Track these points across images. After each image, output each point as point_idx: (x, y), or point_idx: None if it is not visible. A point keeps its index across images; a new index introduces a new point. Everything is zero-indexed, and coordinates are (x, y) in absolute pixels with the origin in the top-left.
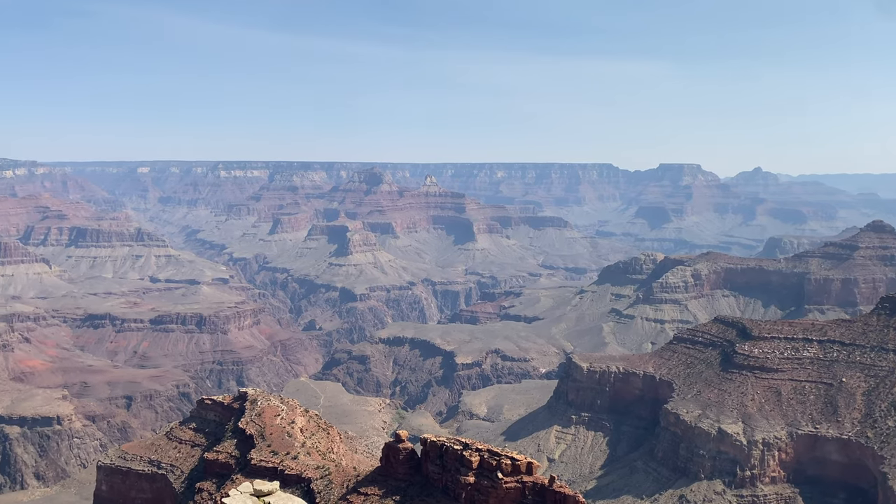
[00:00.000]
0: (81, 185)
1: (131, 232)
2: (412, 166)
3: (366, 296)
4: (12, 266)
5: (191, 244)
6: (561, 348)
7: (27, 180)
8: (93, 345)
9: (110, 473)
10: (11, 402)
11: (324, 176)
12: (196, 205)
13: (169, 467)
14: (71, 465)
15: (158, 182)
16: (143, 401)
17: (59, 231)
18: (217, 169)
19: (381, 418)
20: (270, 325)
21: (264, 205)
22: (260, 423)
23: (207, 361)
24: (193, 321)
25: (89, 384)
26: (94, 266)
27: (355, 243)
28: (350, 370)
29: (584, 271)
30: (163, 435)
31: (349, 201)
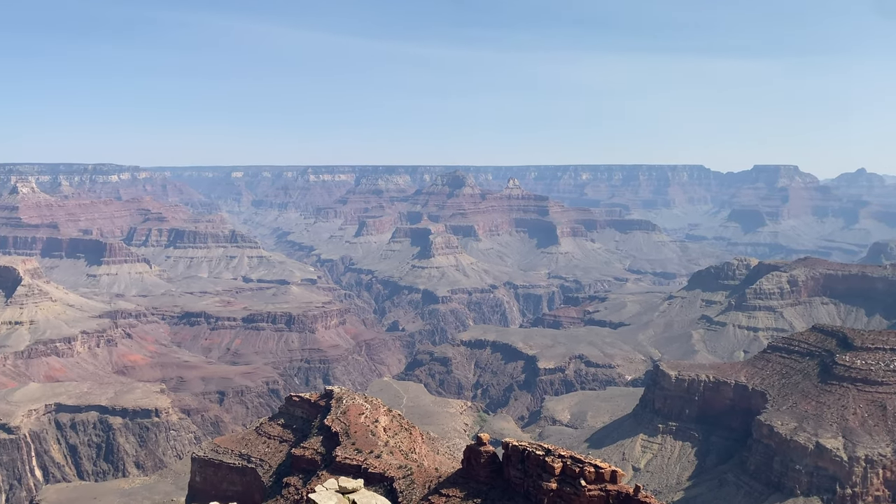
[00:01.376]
0: (180, 189)
1: (226, 234)
2: (495, 169)
3: (448, 298)
4: (116, 265)
5: (281, 246)
6: (648, 355)
7: (130, 184)
8: (189, 341)
9: (204, 465)
10: (115, 394)
11: (407, 179)
12: (286, 208)
13: (258, 461)
14: (168, 456)
15: (251, 186)
16: (235, 396)
17: (159, 232)
18: (306, 173)
19: (462, 420)
20: (355, 325)
21: (350, 208)
22: (345, 421)
23: (296, 359)
24: (283, 320)
25: (185, 379)
26: (191, 266)
27: (438, 246)
28: (432, 371)
29: (673, 276)
30: (253, 430)
31: (432, 204)
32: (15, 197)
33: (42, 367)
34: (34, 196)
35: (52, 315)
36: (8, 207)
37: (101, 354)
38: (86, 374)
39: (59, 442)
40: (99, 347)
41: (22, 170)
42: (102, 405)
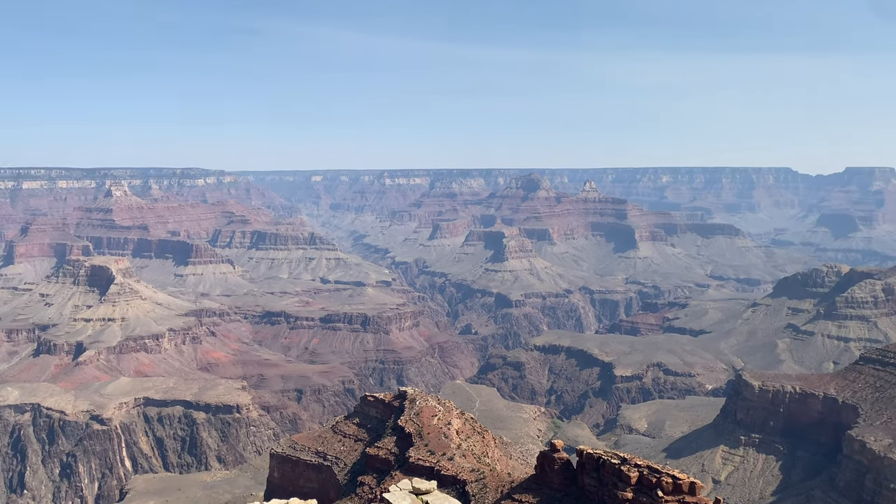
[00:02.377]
0: (262, 193)
1: (305, 236)
2: (571, 172)
3: (521, 302)
4: (202, 266)
5: (357, 248)
6: (730, 364)
7: (216, 188)
8: (269, 340)
9: (282, 462)
10: (199, 389)
11: (482, 183)
12: (363, 211)
13: (334, 459)
14: (248, 451)
15: (330, 190)
16: (312, 394)
17: (242, 234)
18: (382, 177)
19: (535, 426)
20: (429, 327)
21: (425, 211)
22: (418, 423)
23: (370, 360)
24: (359, 321)
25: (265, 377)
26: (272, 267)
27: (511, 249)
28: (505, 376)
29: (758, 283)
30: (329, 428)
31: (506, 207)
32: (109, 200)
33: (132, 363)
34: (127, 199)
35: (141, 313)
36: (103, 210)
37: (187, 351)
38: (172, 370)
39: (147, 434)
40: (185, 344)
41: (116, 174)
42: (187, 400)
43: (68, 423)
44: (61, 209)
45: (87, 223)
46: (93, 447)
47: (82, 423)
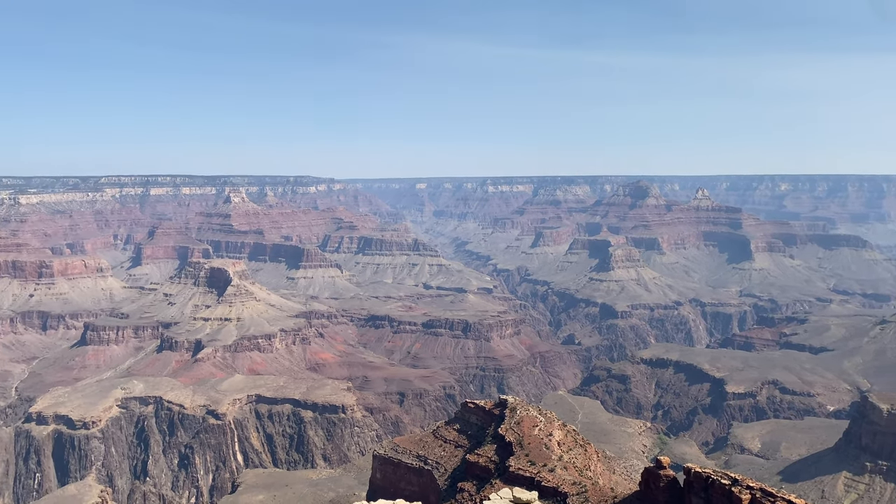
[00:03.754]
0: (369, 200)
1: (409, 242)
2: (682, 179)
3: (627, 313)
4: (312, 269)
5: (460, 255)
6: (854, 385)
7: (326, 195)
8: (373, 343)
9: (384, 463)
10: (307, 388)
11: (587, 190)
12: (465, 218)
13: (434, 464)
14: (352, 451)
15: (433, 197)
16: (414, 398)
17: (350, 240)
18: (485, 184)
19: (640, 441)
20: (530, 336)
21: (527, 218)
22: (518, 432)
23: (471, 366)
24: (460, 327)
25: (369, 379)
26: (377, 272)
27: (617, 258)
28: (609, 388)
29: (887, 299)
30: (430, 432)
31: (612, 215)
32: (228, 206)
33: (246, 361)
34: (244, 205)
35: (255, 313)
36: (222, 215)
37: (297, 351)
38: (282, 369)
39: (258, 430)
40: (295, 345)
41: (234, 181)
42: (296, 399)
43: (187, 417)
44: (184, 214)
45: (207, 227)
46: (208, 440)
47: (199, 417)
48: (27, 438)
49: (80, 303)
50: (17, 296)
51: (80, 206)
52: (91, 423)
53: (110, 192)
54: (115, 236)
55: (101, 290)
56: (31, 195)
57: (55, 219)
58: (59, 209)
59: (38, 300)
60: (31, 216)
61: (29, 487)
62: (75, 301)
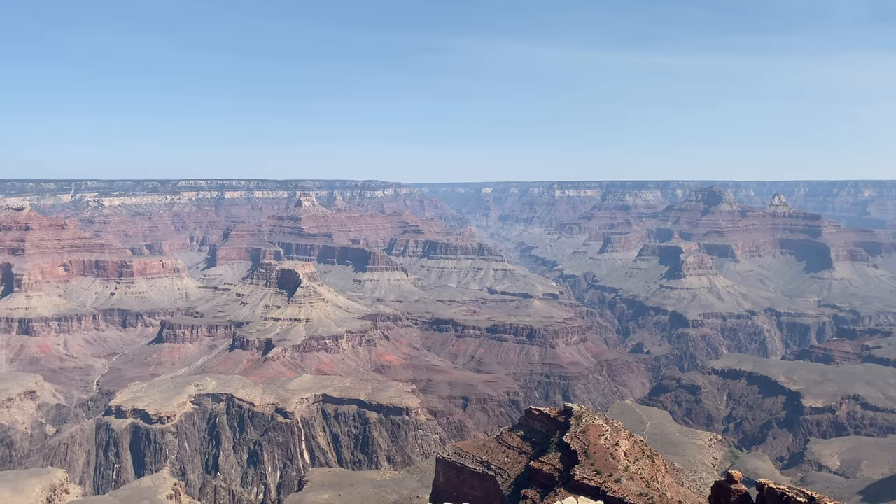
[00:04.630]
0: (435, 204)
1: (474, 247)
2: (757, 184)
3: (699, 322)
4: (378, 272)
5: (525, 260)
6: None
7: (392, 199)
8: (437, 346)
9: (447, 467)
10: (372, 390)
11: (657, 195)
12: (531, 223)
13: (498, 470)
14: (415, 454)
15: (499, 201)
16: (478, 403)
17: (415, 244)
18: (552, 189)
19: (711, 454)
20: (597, 343)
21: (595, 224)
22: (584, 441)
23: (536, 373)
24: (524, 333)
25: (433, 382)
26: (442, 276)
27: (689, 266)
28: (678, 399)
29: None
30: (493, 438)
31: (684, 221)
32: (299, 209)
33: (313, 361)
34: (314, 209)
35: (323, 314)
36: (293, 218)
37: (362, 353)
38: (348, 370)
39: (324, 430)
40: (360, 346)
41: (305, 185)
42: (361, 399)
43: (256, 414)
44: (257, 217)
45: (278, 230)
46: (276, 438)
47: (268, 415)
48: (107, 431)
49: (158, 301)
50: (99, 294)
51: (158, 209)
52: (166, 418)
53: (187, 196)
54: (192, 238)
55: (178, 290)
56: (113, 198)
57: (136, 220)
58: (139, 211)
59: (118, 298)
60: (114, 218)
61: (108, 478)
62: (153, 300)
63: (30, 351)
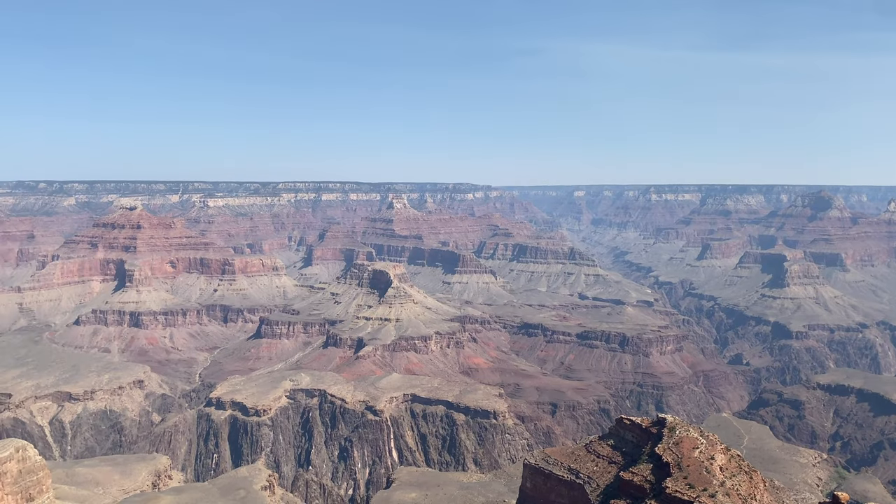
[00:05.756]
0: (525, 207)
1: (565, 251)
2: (871, 189)
3: (803, 334)
4: (467, 275)
5: (618, 265)
6: None
7: (482, 202)
8: (525, 351)
9: (534, 473)
10: (460, 392)
11: (760, 200)
12: (625, 227)
13: (586, 478)
14: (502, 458)
15: (592, 205)
16: (567, 410)
17: (505, 247)
18: (648, 192)
19: (814, 473)
20: (693, 353)
21: (693, 229)
22: (677, 453)
23: (628, 381)
24: (616, 340)
25: (521, 387)
26: (531, 280)
27: (794, 274)
28: (780, 414)
29: None
30: (582, 446)
31: (789, 228)
32: (390, 211)
33: (403, 361)
34: (405, 211)
35: (413, 315)
36: (384, 220)
37: (450, 354)
38: (436, 371)
39: (412, 429)
40: (449, 348)
41: (397, 188)
42: (449, 401)
43: (347, 411)
44: (351, 219)
45: (371, 231)
46: (366, 435)
47: (358, 412)
48: (207, 421)
49: (257, 298)
50: (203, 290)
51: (259, 210)
52: (262, 411)
53: (286, 197)
54: (290, 238)
55: (276, 288)
56: (217, 198)
57: (238, 220)
58: (241, 212)
59: (220, 295)
60: (218, 218)
61: (208, 466)
62: (253, 297)
63: (139, 343)
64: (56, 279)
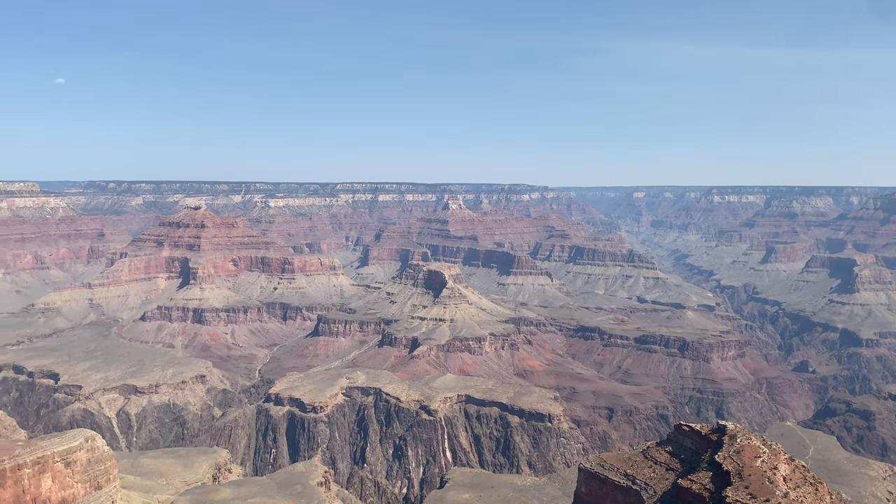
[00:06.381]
0: (583, 208)
1: (623, 253)
2: None
3: (874, 342)
4: (522, 276)
5: (678, 268)
6: None
7: (539, 203)
8: (582, 354)
9: (589, 477)
10: (514, 394)
11: (829, 202)
12: (686, 230)
13: (643, 485)
14: (557, 461)
15: (652, 206)
16: (623, 415)
17: (561, 249)
18: (710, 194)
19: (885, 487)
20: (756, 359)
21: (758, 232)
22: (738, 461)
23: (687, 387)
24: (676, 345)
25: (577, 391)
26: (588, 282)
27: (864, 280)
28: (848, 424)
29: None
30: (639, 452)
31: (859, 231)
32: (446, 212)
33: (457, 361)
34: (460, 212)
35: (467, 316)
36: (440, 221)
37: (505, 356)
38: (490, 372)
39: (466, 430)
40: (503, 350)
41: (453, 189)
42: (503, 403)
43: (402, 410)
44: (407, 219)
45: (426, 232)
46: (420, 434)
47: (413, 411)
48: (266, 417)
49: (315, 297)
50: (263, 288)
51: (318, 210)
52: (319, 408)
53: (344, 198)
54: (347, 238)
55: (333, 287)
56: (278, 199)
57: (297, 220)
58: (300, 212)
59: (280, 293)
60: (278, 218)
61: (266, 461)
62: (311, 295)
63: (202, 339)
64: (124, 276)
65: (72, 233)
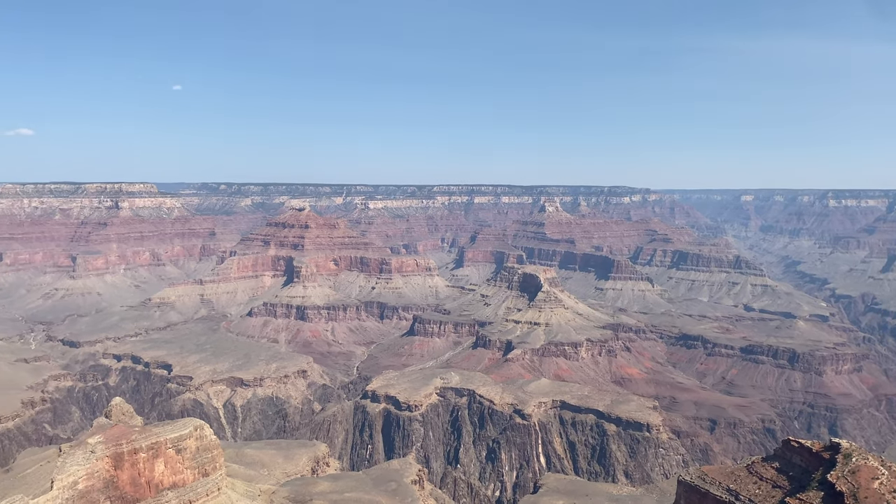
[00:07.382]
0: (687, 212)
1: (729, 259)
2: None
3: None
4: (621, 281)
5: (789, 276)
6: None
7: (640, 206)
8: (683, 363)
9: (689, 491)
10: (611, 402)
11: None
12: (798, 235)
13: (747, 501)
14: (655, 472)
15: (761, 210)
16: (727, 427)
17: (663, 253)
18: (825, 198)
19: None
20: (875, 374)
21: (878, 238)
22: (853, 482)
23: (797, 401)
24: (786, 356)
25: (677, 400)
26: (692, 289)
27: None
28: None
29: None
30: (743, 466)
31: None
32: (542, 215)
33: (552, 366)
34: (557, 215)
35: (563, 320)
36: (536, 223)
37: (602, 363)
38: (587, 379)
39: (560, 436)
40: (600, 356)
41: (550, 191)
42: (599, 410)
43: (495, 412)
44: (503, 221)
45: (522, 235)
46: (514, 438)
47: (507, 415)
48: (363, 413)
49: (411, 297)
50: (362, 287)
51: (415, 212)
52: (414, 407)
53: (440, 200)
54: (443, 239)
55: (429, 287)
56: (377, 201)
57: (395, 222)
58: (398, 214)
59: (377, 292)
60: (377, 219)
61: (362, 456)
62: (407, 295)
63: (303, 335)
64: (233, 273)
65: (186, 231)
